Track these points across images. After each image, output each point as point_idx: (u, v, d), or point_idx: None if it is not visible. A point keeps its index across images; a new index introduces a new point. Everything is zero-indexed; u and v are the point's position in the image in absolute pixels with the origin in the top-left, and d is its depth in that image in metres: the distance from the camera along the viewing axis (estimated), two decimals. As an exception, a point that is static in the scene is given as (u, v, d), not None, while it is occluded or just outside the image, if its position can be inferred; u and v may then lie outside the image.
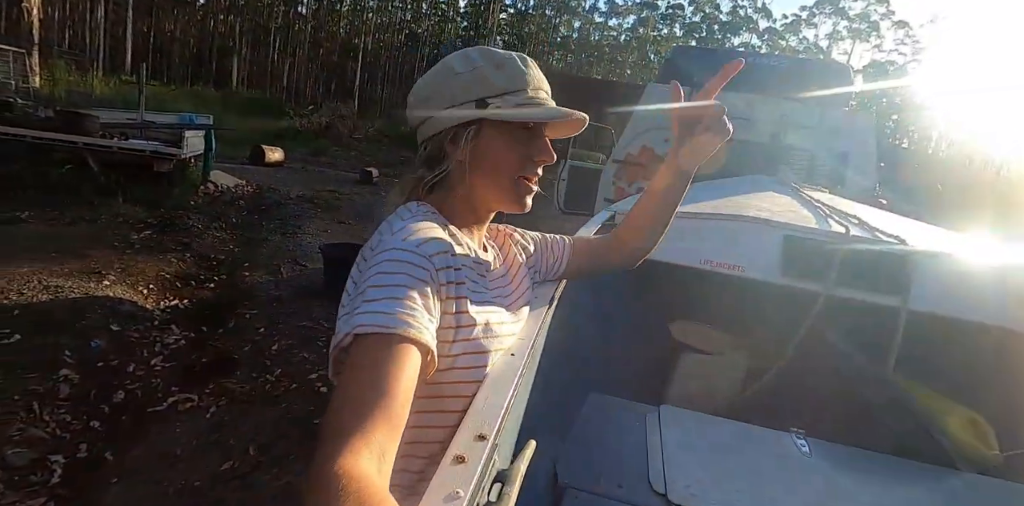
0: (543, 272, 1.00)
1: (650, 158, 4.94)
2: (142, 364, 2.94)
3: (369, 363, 0.53)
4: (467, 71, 0.75)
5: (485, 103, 0.73)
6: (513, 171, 0.76)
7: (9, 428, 2.21)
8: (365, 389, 0.51)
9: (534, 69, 0.78)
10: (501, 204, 0.79)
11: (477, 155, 0.75)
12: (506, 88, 0.74)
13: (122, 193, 5.56)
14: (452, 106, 0.74)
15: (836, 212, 1.98)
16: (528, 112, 0.74)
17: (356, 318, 0.56)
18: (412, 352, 0.56)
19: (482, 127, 0.75)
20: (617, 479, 1.06)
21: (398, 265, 0.61)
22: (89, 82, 12.27)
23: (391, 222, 0.71)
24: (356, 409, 0.49)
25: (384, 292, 0.58)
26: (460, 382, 0.68)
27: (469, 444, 0.54)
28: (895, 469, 1.20)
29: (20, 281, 3.37)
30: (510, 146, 0.76)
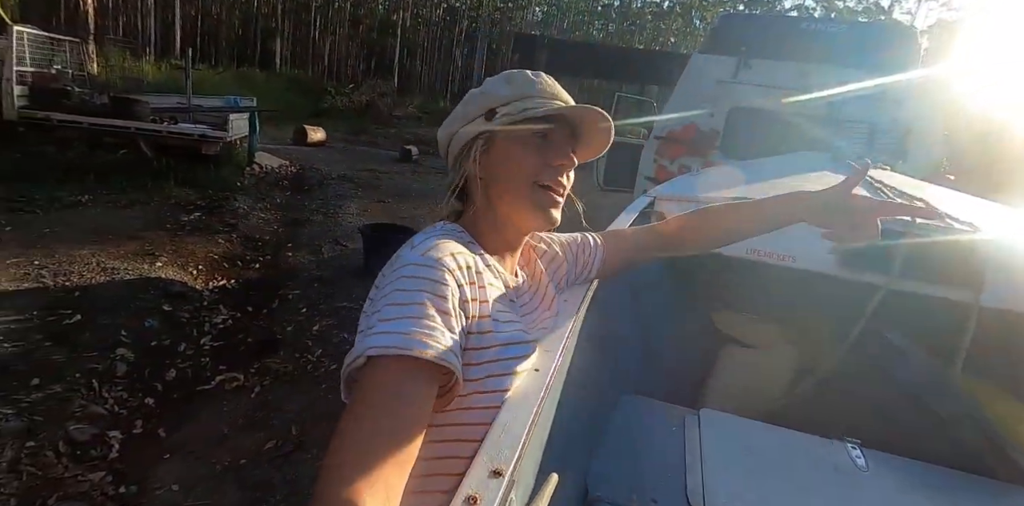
0: (572, 277, 0.95)
1: (693, 135, 4.72)
2: (192, 343, 3.06)
3: (380, 389, 0.49)
4: (479, 91, 0.75)
5: (493, 113, 0.71)
6: (528, 177, 0.71)
7: (72, 405, 2.35)
8: (373, 419, 0.47)
9: (547, 80, 0.75)
10: (523, 218, 0.73)
11: (490, 167, 0.72)
12: (514, 97, 0.72)
13: (173, 176, 5.76)
14: (466, 124, 0.74)
15: (899, 194, 1.80)
16: (535, 110, 0.70)
17: (370, 339, 0.52)
18: (429, 376, 0.52)
19: (493, 138, 0.72)
20: (651, 492, 0.99)
21: (417, 281, 0.57)
22: (142, 68, 12.68)
23: (412, 238, 0.67)
24: (361, 443, 0.45)
25: (401, 311, 0.54)
26: (483, 407, 0.63)
27: (483, 482, 0.49)
28: (962, 487, 1.08)
29: (81, 263, 3.55)
30: (522, 152, 0.71)
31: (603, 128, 0.74)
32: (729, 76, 4.50)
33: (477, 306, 0.63)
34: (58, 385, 2.44)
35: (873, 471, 1.08)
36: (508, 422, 0.58)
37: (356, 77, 27.44)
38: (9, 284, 3.15)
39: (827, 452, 1.14)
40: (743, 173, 2.50)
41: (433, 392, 0.53)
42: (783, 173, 2.18)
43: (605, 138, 0.77)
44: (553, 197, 0.73)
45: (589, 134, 0.76)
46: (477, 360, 0.63)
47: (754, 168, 2.65)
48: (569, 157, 0.72)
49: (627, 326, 1.67)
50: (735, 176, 2.49)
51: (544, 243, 0.90)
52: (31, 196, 4.62)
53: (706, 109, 4.62)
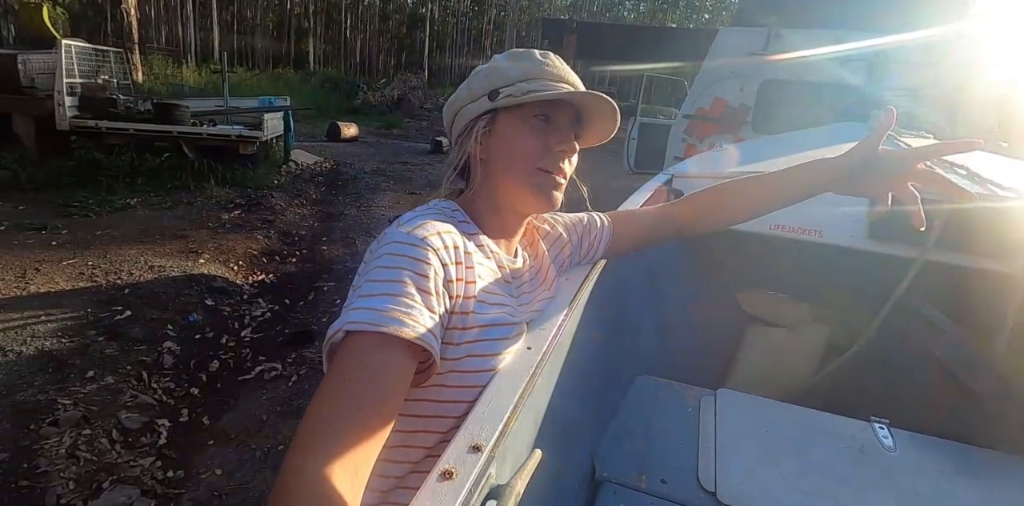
0: (577, 258, 0.93)
1: (723, 111, 4.55)
2: (233, 335, 3.20)
3: (354, 365, 0.49)
4: (485, 68, 0.73)
5: (497, 93, 0.70)
6: (529, 161, 0.70)
7: (123, 395, 2.49)
8: (346, 393, 0.47)
9: (556, 61, 0.72)
10: (523, 201, 0.72)
11: (492, 147, 0.71)
12: (520, 77, 0.70)
13: (214, 176, 5.98)
14: (470, 102, 0.72)
15: (939, 163, 1.68)
16: (539, 94, 0.67)
17: (348, 314, 0.52)
18: (403, 353, 0.52)
19: (495, 118, 0.71)
20: (661, 473, 0.97)
21: (398, 259, 0.57)
22: (183, 74, 13.19)
23: (401, 216, 0.67)
24: (332, 416, 0.46)
25: (381, 288, 0.54)
26: (461, 386, 0.63)
27: (461, 457, 0.49)
28: (1000, 467, 1.01)
29: (130, 262, 3.74)
30: (524, 135, 0.70)
31: (608, 114, 0.72)
32: (759, 48, 4.31)
33: (463, 286, 0.63)
34: (111, 377, 2.59)
35: (901, 452, 1.03)
36: (493, 399, 0.58)
37: (387, 72, 27.76)
38: (66, 284, 3.36)
39: (852, 432, 1.08)
40: (771, 148, 2.39)
41: (409, 368, 0.53)
42: (815, 146, 2.07)
43: (611, 125, 0.74)
44: (554, 180, 0.71)
45: (594, 119, 0.74)
46: (458, 340, 0.63)
47: (784, 142, 2.53)
48: (571, 143, 0.71)
49: (643, 307, 1.64)
50: (761, 151, 2.38)
51: (548, 224, 0.89)
52: (85, 201, 4.89)
53: (736, 83, 4.45)
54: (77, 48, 6.46)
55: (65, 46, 6.13)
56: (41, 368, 2.56)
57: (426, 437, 0.63)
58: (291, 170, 7.27)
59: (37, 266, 3.52)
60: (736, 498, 0.89)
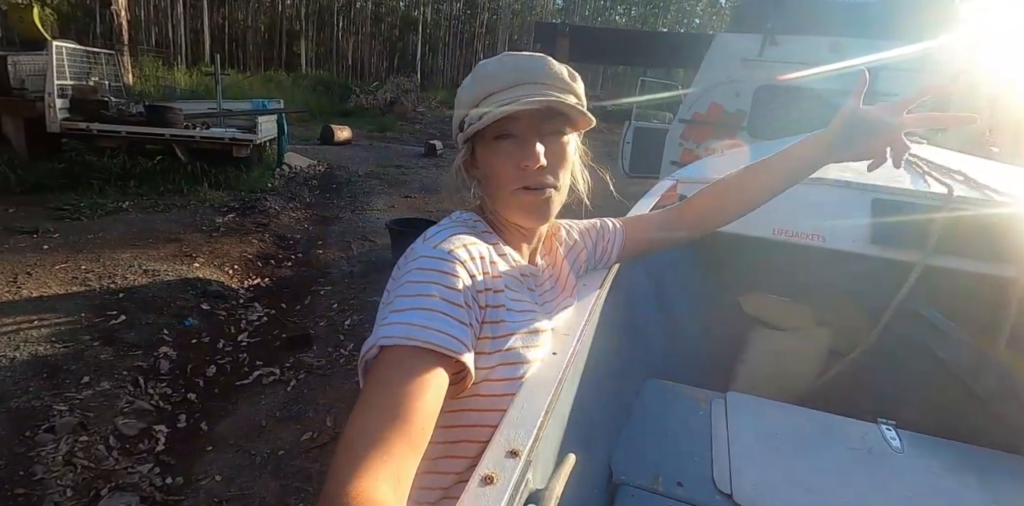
0: (592, 263, 0.95)
1: (720, 116, 4.60)
2: (230, 340, 3.17)
3: (391, 378, 0.50)
4: (458, 95, 0.73)
5: (463, 124, 0.70)
6: (507, 184, 0.69)
7: (120, 401, 2.46)
8: (384, 406, 0.48)
9: (509, 63, 0.69)
10: (516, 219, 0.73)
11: (480, 173, 0.73)
12: (472, 101, 0.70)
13: (207, 179, 5.94)
14: (457, 132, 0.73)
15: (936, 168, 1.72)
16: (483, 119, 0.65)
17: (382, 329, 0.54)
18: (439, 365, 0.53)
19: (474, 146, 0.72)
20: (677, 476, 0.98)
21: (428, 274, 0.58)
22: (174, 76, 13.09)
23: (426, 231, 0.68)
24: (373, 428, 0.47)
25: (411, 302, 0.56)
26: (495, 395, 0.64)
27: (500, 462, 0.49)
28: (1004, 467, 1.03)
29: (124, 267, 3.71)
30: (495, 161, 0.70)
31: (572, 106, 0.67)
32: (754, 54, 4.36)
33: (491, 296, 0.64)
34: (107, 382, 2.56)
35: (909, 452, 1.04)
36: (525, 404, 0.59)
37: (380, 75, 27.71)
38: (59, 288, 3.32)
39: (860, 434, 1.10)
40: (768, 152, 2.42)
41: (444, 380, 0.53)
42: None
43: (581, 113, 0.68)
44: (538, 196, 0.69)
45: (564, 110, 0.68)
46: (490, 349, 0.64)
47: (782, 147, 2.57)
48: (533, 156, 0.66)
49: (651, 312, 1.65)
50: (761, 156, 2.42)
51: (564, 230, 0.90)
52: (77, 204, 4.84)
53: (732, 89, 4.50)
54: (68, 49, 6.40)
55: (56, 47, 6.07)
56: (35, 374, 2.53)
57: (468, 447, 0.64)
58: (285, 173, 7.23)
59: (29, 270, 3.48)
60: (752, 499, 0.91)
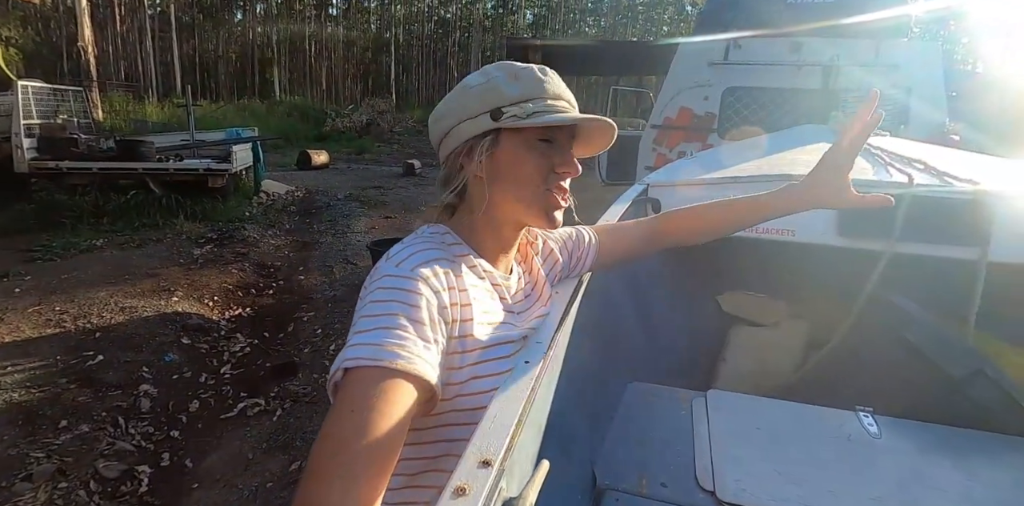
0: (566, 272, 0.95)
1: (690, 120, 4.67)
2: (212, 373, 3.11)
3: (355, 400, 0.51)
4: (481, 84, 0.71)
5: (500, 112, 0.69)
6: (536, 184, 0.71)
7: (100, 443, 2.39)
8: (349, 429, 0.48)
9: (554, 78, 0.73)
10: (528, 219, 0.74)
11: (495, 168, 0.71)
12: (522, 97, 0.69)
13: (183, 211, 5.88)
14: (467, 119, 0.71)
15: (897, 158, 1.76)
16: (546, 118, 0.68)
17: (346, 351, 0.54)
18: (404, 386, 0.53)
19: (499, 138, 0.70)
20: (661, 477, 0.98)
21: (390, 292, 0.59)
22: (145, 110, 13.01)
23: (391, 249, 0.68)
24: (338, 453, 0.47)
25: (374, 322, 0.56)
26: (471, 408, 0.64)
27: (472, 472, 0.49)
28: (979, 445, 1.06)
29: (100, 305, 3.63)
30: (530, 156, 0.70)
31: (606, 132, 0.75)
32: (720, 58, 4.45)
33: (458, 310, 0.64)
34: (85, 425, 2.49)
35: (887, 438, 1.06)
36: (497, 414, 0.59)
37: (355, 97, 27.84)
38: (32, 331, 3.24)
39: (839, 423, 1.11)
40: (739, 152, 2.46)
41: (409, 400, 0.53)
42: (780, 148, 2.15)
43: (606, 140, 0.77)
44: (558, 201, 0.73)
45: (591, 135, 0.76)
46: (460, 364, 0.64)
47: (751, 146, 2.61)
48: (574, 165, 0.72)
49: (629, 315, 1.66)
50: (730, 156, 2.45)
51: (540, 239, 0.91)
52: (48, 244, 4.75)
53: (700, 93, 4.58)
54: (34, 88, 6.35)
55: (22, 87, 6.02)
56: (10, 421, 2.45)
57: (451, 461, 0.65)
58: (263, 201, 7.18)
59: (0, 315, 3.39)
60: (735, 494, 0.91)
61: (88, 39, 12.19)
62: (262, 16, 35.00)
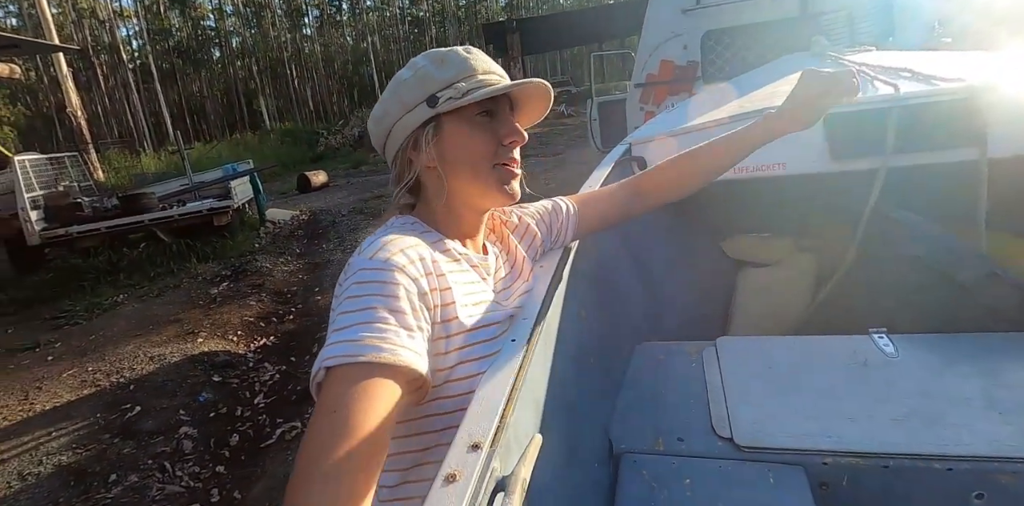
0: (548, 245, 0.94)
1: (672, 72, 4.51)
2: (247, 405, 3.15)
3: (337, 399, 0.50)
4: (411, 76, 0.72)
5: (435, 98, 0.69)
6: (486, 159, 0.71)
7: (150, 490, 2.45)
8: (333, 429, 0.47)
9: (479, 55, 0.73)
10: (486, 198, 0.74)
11: (444, 154, 0.71)
12: (454, 78, 0.70)
13: (194, 254, 5.97)
14: (405, 114, 0.71)
15: (882, 71, 1.66)
16: (481, 91, 0.69)
17: (325, 350, 0.53)
18: (387, 380, 0.52)
19: (440, 124, 0.71)
20: (677, 432, 0.95)
21: (366, 286, 0.58)
22: (142, 162, 13.28)
23: (362, 242, 0.67)
24: (322, 455, 0.46)
25: (352, 318, 0.55)
26: (460, 394, 0.63)
27: (462, 458, 0.49)
28: (1002, 347, 1.01)
29: (129, 358, 3.71)
30: (475, 133, 0.71)
31: (542, 96, 0.74)
32: (692, 3, 4.29)
33: (438, 295, 0.64)
34: (134, 475, 2.55)
35: (904, 356, 1.02)
36: (485, 396, 0.58)
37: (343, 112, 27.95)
38: (70, 395, 3.32)
39: (853, 349, 1.07)
40: (720, 95, 2.37)
41: (395, 392, 0.52)
42: (762, 84, 2.05)
43: (544, 104, 0.76)
44: (512, 172, 0.73)
45: (528, 102, 0.76)
46: (445, 349, 0.64)
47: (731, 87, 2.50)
48: (520, 133, 0.72)
49: (629, 275, 1.61)
50: (711, 101, 2.36)
51: (515, 215, 0.90)
52: (72, 309, 4.88)
53: (678, 43, 4.42)
54: (31, 161, 6.48)
55: (20, 162, 6.14)
56: (63, 484, 2.52)
57: (442, 451, 0.63)
58: (269, 230, 7.26)
59: (38, 384, 3.49)
60: (753, 438, 0.89)
61: (76, 104, 12.44)
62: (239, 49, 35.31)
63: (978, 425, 0.82)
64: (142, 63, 28.28)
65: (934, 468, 0.77)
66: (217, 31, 35.17)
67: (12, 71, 7.05)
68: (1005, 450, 0.77)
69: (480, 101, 0.69)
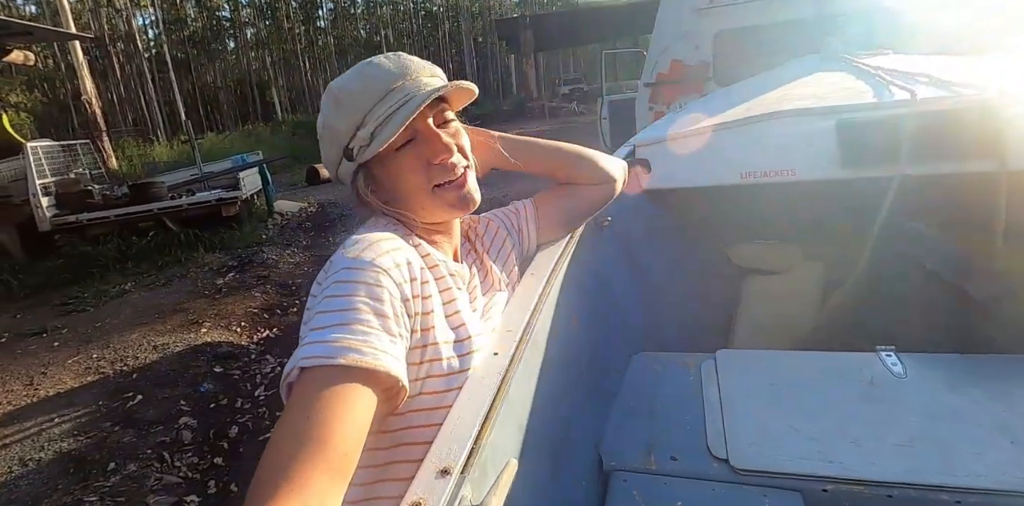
0: (521, 249, 0.91)
1: (683, 72, 4.46)
2: (247, 397, 3.15)
3: (309, 401, 0.47)
4: (321, 126, 0.72)
5: (350, 151, 0.68)
6: (422, 187, 0.70)
7: (148, 479, 2.45)
8: (302, 432, 0.45)
9: (378, 66, 0.69)
10: (441, 215, 0.73)
11: (384, 194, 0.71)
12: (353, 123, 0.67)
13: (202, 244, 6.00)
14: (336, 165, 0.72)
15: (899, 75, 1.61)
16: (387, 131, 0.65)
17: (301, 349, 0.51)
18: (364, 383, 0.49)
19: (369, 169, 0.70)
20: (671, 450, 0.91)
21: (349, 286, 0.55)
22: (154, 151, 13.35)
23: (345, 240, 0.65)
24: (291, 456, 0.43)
25: (332, 318, 0.53)
26: (430, 408, 0.60)
27: (429, 484, 0.46)
28: (1013, 369, 0.96)
29: (134, 347, 3.73)
30: (403, 170, 0.69)
31: (463, 88, 0.71)
32: (705, 3, 4.23)
33: (419, 303, 0.61)
34: (133, 464, 2.55)
35: (913, 376, 0.98)
36: (459, 415, 0.55)
37: (355, 106, 27.97)
38: (74, 381, 3.35)
39: (859, 366, 1.03)
40: (730, 96, 2.33)
41: (371, 399, 0.50)
42: (773, 85, 2.01)
43: (468, 92, 0.73)
44: (455, 186, 0.70)
45: (451, 94, 0.72)
46: (421, 358, 0.61)
47: (741, 89, 2.46)
48: (448, 149, 0.69)
49: (627, 282, 1.58)
50: (720, 102, 2.32)
51: (481, 223, 0.87)
52: (80, 296, 4.91)
53: (689, 43, 4.37)
54: (44, 148, 6.53)
55: (32, 149, 6.19)
56: (62, 470, 2.54)
57: (404, 468, 0.61)
58: (277, 222, 7.28)
59: (43, 370, 3.52)
60: (749, 459, 0.85)
61: (91, 92, 12.53)
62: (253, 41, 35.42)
63: (989, 454, 0.77)
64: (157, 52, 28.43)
65: (941, 500, 0.73)
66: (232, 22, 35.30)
67: (27, 58, 7.10)
68: (1017, 484, 0.72)
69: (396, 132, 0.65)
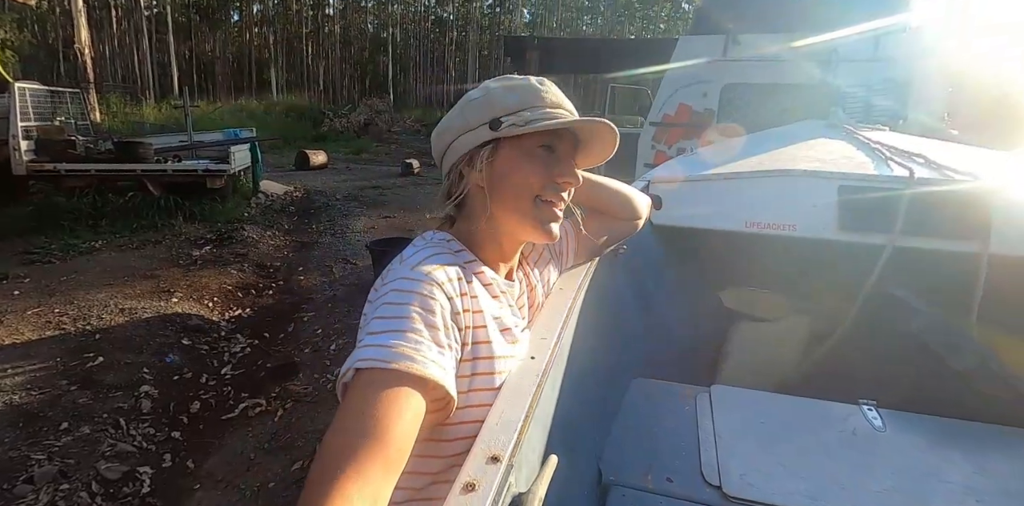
0: (560, 268, 0.96)
1: (688, 117, 4.66)
2: (213, 374, 3.10)
3: (366, 400, 0.50)
4: (480, 97, 0.72)
5: (499, 122, 0.69)
6: (531, 191, 0.70)
7: (101, 445, 2.39)
8: (359, 428, 0.48)
9: (552, 88, 0.73)
10: (524, 231, 0.73)
11: (495, 177, 0.71)
12: (520, 105, 0.70)
13: (181, 213, 5.87)
14: (467, 132, 0.71)
15: (898, 152, 1.76)
16: (542, 123, 0.68)
17: (358, 352, 0.54)
18: (415, 389, 0.52)
19: (498, 147, 0.71)
20: (667, 472, 0.98)
21: (405, 295, 0.58)
22: (142, 111, 12.99)
23: (403, 252, 0.68)
24: (348, 450, 0.46)
25: (388, 324, 0.56)
26: (474, 421, 0.62)
27: (481, 468, 0.49)
28: (986, 437, 1.06)
29: (99, 307, 3.62)
30: (528, 165, 0.70)
31: (608, 139, 0.74)
32: (718, 54, 4.45)
33: (470, 317, 0.64)
34: (87, 427, 2.48)
35: (891, 431, 1.06)
36: (504, 409, 0.59)
37: (352, 97, 27.79)
38: (32, 333, 3.23)
39: (843, 416, 1.12)
40: (741, 148, 2.47)
41: (421, 405, 0.53)
42: (779, 144, 2.15)
43: (610, 148, 0.76)
44: (554, 212, 0.72)
45: (593, 143, 0.75)
46: (472, 371, 0.64)
47: (750, 142, 2.61)
48: (575, 174, 0.71)
49: (633, 311, 1.66)
50: (732, 153, 2.46)
51: (531, 245, 0.90)
52: (47, 246, 4.74)
53: (699, 89, 4.58)
54: (31, 90, 6.32)
55: (19, 89, 5.99)
56: (11, 424, 2.45)
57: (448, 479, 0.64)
58: (261, 202, 7.17)
59: (0, 318, 3.38)
60: (740, 489, 0.91)
61: (85, 41, 12.16)
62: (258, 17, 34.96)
63: None
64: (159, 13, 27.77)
65: None
66: (242, -6, 34.78)
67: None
68: None
69: (542, 133, 0.69)
